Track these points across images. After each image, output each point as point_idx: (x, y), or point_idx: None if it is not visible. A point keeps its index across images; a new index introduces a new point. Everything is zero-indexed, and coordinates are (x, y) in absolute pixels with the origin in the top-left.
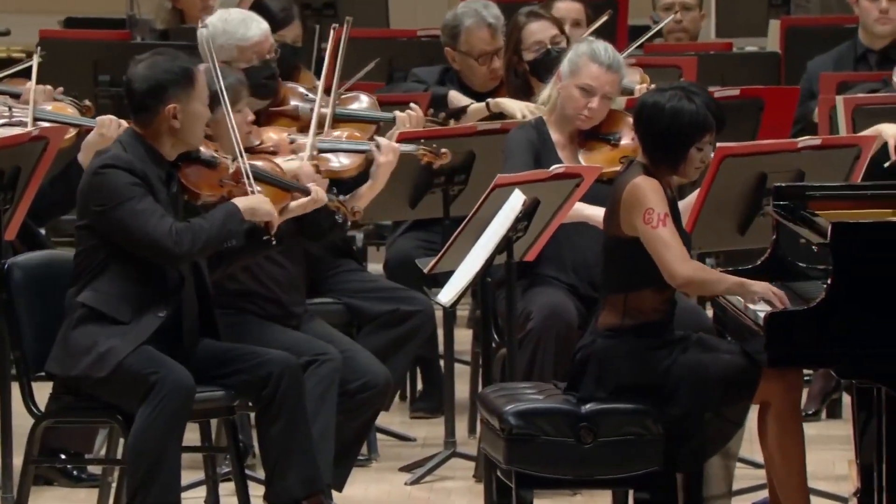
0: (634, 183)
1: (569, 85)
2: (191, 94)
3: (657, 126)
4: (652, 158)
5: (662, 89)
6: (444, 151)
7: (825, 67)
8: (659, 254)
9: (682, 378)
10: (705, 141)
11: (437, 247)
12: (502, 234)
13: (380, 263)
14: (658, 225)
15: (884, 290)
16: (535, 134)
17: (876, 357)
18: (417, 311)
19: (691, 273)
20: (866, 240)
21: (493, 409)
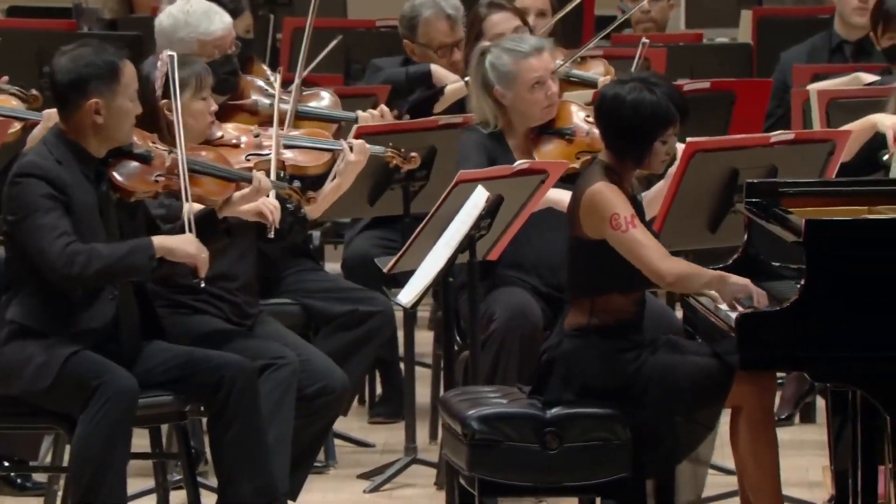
0: (593, 190)
1: (518, 93)
2: (115, 89)
3: (619, 119)
4: (615, 153)
5: (622, 81)
6: (413, 155)
7: (799, 59)
8: (638, 256)
9: (652, 381)
10: (669, 133)
11: (396, 245)
12: (465, 232)
13: (337, 263)
14: (628, 227)
15: (859, 289)
16: (490, 141)
17: (851, 359)
18: (376, 313)
19: (678, 269)
20: (841, 238)
21: (455, 413)
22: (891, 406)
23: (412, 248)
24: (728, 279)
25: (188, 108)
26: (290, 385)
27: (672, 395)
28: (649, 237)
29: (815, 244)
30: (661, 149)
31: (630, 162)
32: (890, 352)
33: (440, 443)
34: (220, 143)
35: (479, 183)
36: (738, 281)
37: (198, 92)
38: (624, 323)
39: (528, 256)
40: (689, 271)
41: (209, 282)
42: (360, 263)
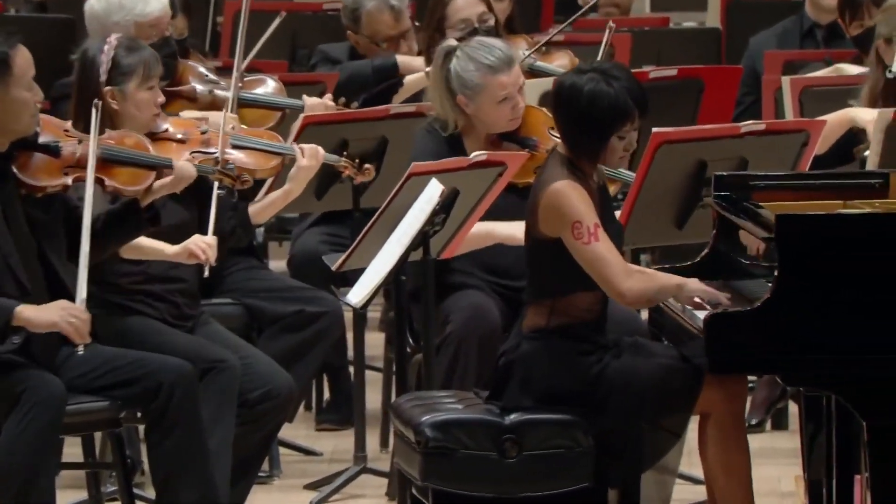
0: (556, 189)
1: (483, 105)
2: (7, 80)
3: (575, 111)
4: (571, 147)
5: (581, 70)
6: (367, 167)
7: (769, 44)
8: (598, 272)
9: (615, 385)
10: (627, 129)
11: (346, 242)
12: (418, 227)
13: (283, 260)
14: (590, 240)
15: (833, 288)
16: (444, 144)
17: (825, 362)
18: (324, 313)
19: (639, 288)
20: (814, 234)
21: (407, 420)
22: (867, 411)
23: (362, 245)
24: (687, 285)
25: (133, 98)
26: (231, 390)
27: (637, 400)
28: (611, 250)
29: (787, 240)
30: (617, 145)
31: (585, 157)
32: (866, 354)
33: (391, 451)
34: (163, 137)
35: (433, 176)
36: (698, 287)
37: (144, 81)
38: (586, 324)
39: (485, 253)
40: (650, 290)
41: (149, 282)
42: (306, 261)
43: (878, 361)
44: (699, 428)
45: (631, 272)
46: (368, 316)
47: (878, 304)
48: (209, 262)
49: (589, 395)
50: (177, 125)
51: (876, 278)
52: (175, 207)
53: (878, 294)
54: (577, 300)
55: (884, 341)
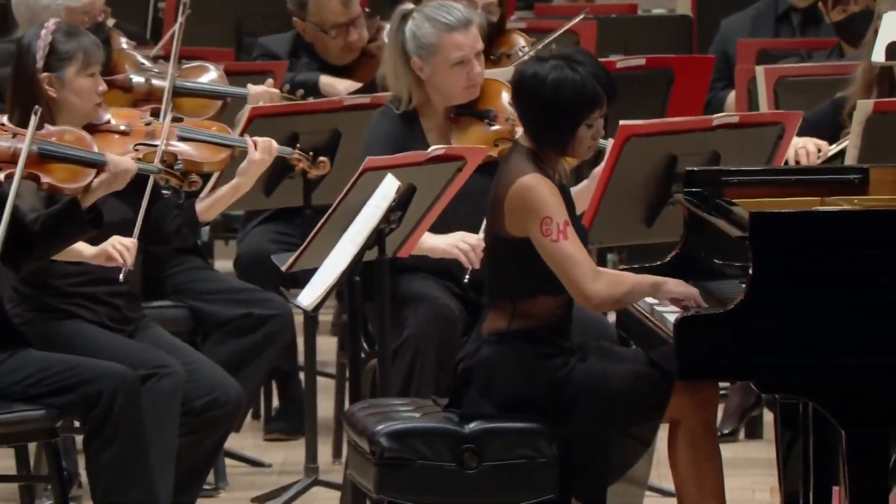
0: (524, 183)
1: (438, 68)
2: None
3: (539, 101)
4: (536, 139)
5: (542, 58)
6: (322, 160)
7: (742, 27)
8: (565, 272)
9: (581, 391)
10: (595, 117)
11: (296, 241)
12: (373, 225)
13: (229, 260)
14: (559, 238)
15: (810, 289)
16: (400, 124)
17: (802, 367)
18: (273, 316)
19: (607, 292)
20: (790, 232)
21: (361, 429)
22: (846, 420)
23: (314, 244)
24: (665, 285)
25: (72, 85)
26: (174, 397)
27: (604, 406)
28: (580, 250)
29: (761, 239)
30: (586, 134)
31: (552, 148)
32: (844, 358)
33: (344, 462)
34: (105, 128)
35: (388, 171)
36: (677, 287)
37: (84, 67)
38: (549, 327)
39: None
40: (621, 291)
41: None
42: (254, 261)
43: (858, 366)
44: (669, 437)
45: (599, 274)
46: (320, 319)
47: (857, 306)
48: (127, 266)
49: (553, 402)
50: (119, 116)
51: (855, 279)
52: (117, 205)
53: (857, 296)
54: (540, 303)
55: (863, 345)
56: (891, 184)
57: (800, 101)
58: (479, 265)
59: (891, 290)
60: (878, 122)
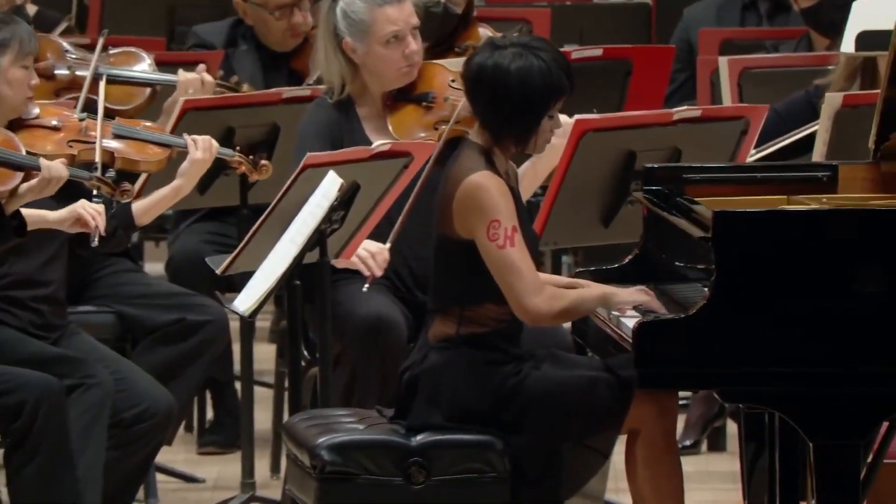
0: (474, 182)
1: (371, 48)
2: None
3: (504, 92)
4: (494, 132)
5: (497, 47)
6: (263, 164)
7: (706, 16)
8: (506, 281)
9: (535, 398)
10: (557, 107)
11: (232, 242)
12: (314, 226)
13: (161, 263)
14: (506, 244)
15: (777, 293)
16: (335, 113)
17: (767, 376)
18: (207, 322)
19: (547, 307)
20: (755, 232)
21: (301, 442)
22: (813, 431)
23: (251, 246)
24: (612, 295)
25: (5, 75)
26: (101, 408)
27: (559, 416)
28: (526, 259)
29: (724, 240)
30: (547, 125)
31: (511, 141)
32: (812, 366)
33: (283, 477)
34: (34, 123)
35: (330, 168)
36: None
37: (20, 57)
38: (500, 332)
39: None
40: (557, 309)
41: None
42: (187, 263)
43: (826, 374)
44: (626, 448)
45: (541, 288)
46: (257, 325)
47: (826, 310)
48: (99, 231)
49: (505, 411)
50: (49, 112)
51: (823, 282)
52: (49, 205)
53: (826, 300)
54: (489, 308)
55: (832, 352)
56: (861, 181)
57: (765, 94)
58: (380, 273)
59: (861, 294)
60: (847, 117)
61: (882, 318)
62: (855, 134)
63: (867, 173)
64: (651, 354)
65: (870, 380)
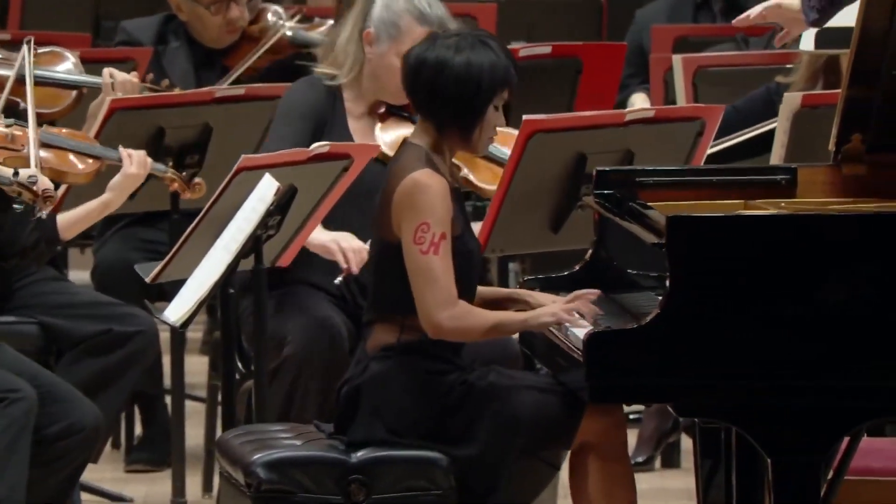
0: (415, 179)
1: (388, 53)
2: None
3: (446, 80)
4: (439, 125)
5: (437, 37)
6: (197, 182)
7: (658, 17)
8: (419, 288)
9: (481, 411)
10: (503, 96)
11: (162, 248)
12: (249, 231)
13: (86, 271)
14: (430, 250)
15: (733, 302)
16: (324, 97)
17: (724, 389)
18: (136, 333)
19: (453, 324)
20: (711, 238)
21: (235, 458)
22: (772, 447)
23: (182, 252)
24: (534, 318)
25: None
26: (25, 424)
27: (509, 427)
28: (447, 272)
29: (679, 246)
30: (492, 117)
31: (456, 132)
32: (771, 379)
33: (216, 496)
34: None
35: (266, 170)
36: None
37: None
38: (444, 340)
39: (328, 260)
40: (463, 329)
41: None
42: (115, 271)
43: (785, 388)
44: (573, 462)
45: (452, 303)
46: (189, 336)
47: (785, 320)
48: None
49: (451, 422)
50: None
51: (782, 290)
52: None
53: (785, 309)
54: None
55: (791, 363)
56: (821, 185)
57: (722, 94)
58: (357, 270)
59: (821, 303)
60: (806, 118)
61: (843, 327)
62: (815, 135)
63: (827, 176)
64: (602, 367)
65: (831, 393)
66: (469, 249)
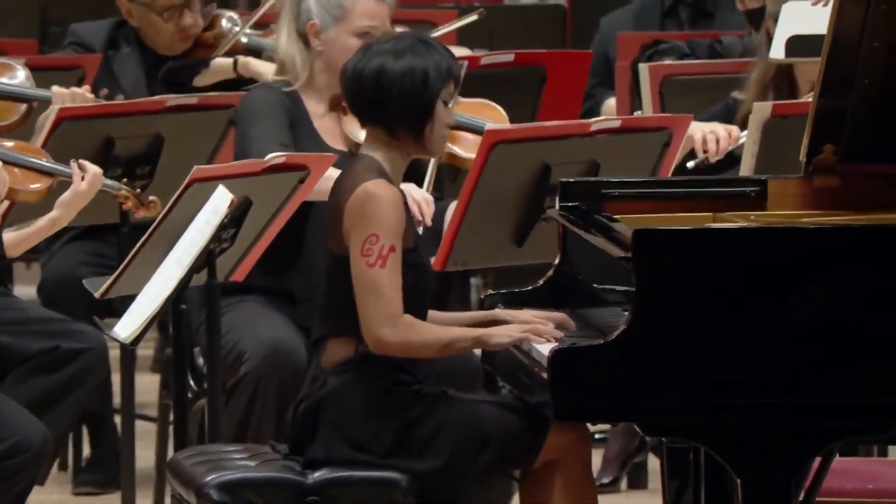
0: (367, 189)
1: (339, 35)
2: None
3: (390, 81)
4: (389, 129)
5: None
6: (152, 200)
7: (624, 24)
8: (363, 302)
9: (444, 424)
10: (450, 90)
11: (112, 262)
12: (202, 245)
13: (33, 286)
14: (376, 263)
15: (702, 318)
16: (286, 100)
17: (692, 408)
18: (85, 350)
19: (394, 339)
20: (679, 252)
21: (188, 480)
22: (742, 467)
23: (132, 267)
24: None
25: None
26: None
27: (474, 440)
28: (394, 286)
29: (646, 260)
30: (443, 113)
31: (409, 136)
32: (740, 397)
33: None
34: None
35: (219, 182)
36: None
37: None
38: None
39: (286, 275)
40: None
41: None
42: (62, 286)
43: (755, 406)
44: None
45: (396, 319)
46: (139, 354)
47: (755, 337)
48: None
49: (411, 439)
50: None
51: (752, 307)
52: None
53: (755, 325)
54: None
55: (762, 381)
56: (792, 197)
57: (689, 104)
58: (430, 222)
59: (792, 319)
60: (777, 128)
61: (815, 344)
62: (785, 146)
63: (798, 188)
64: (567, 384)
65: (802, 411)
66: (422, 262)
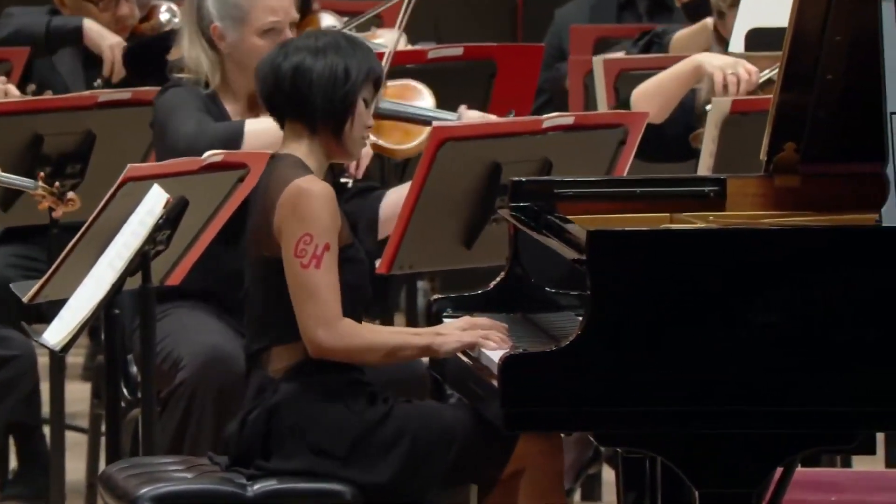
0: (298, 187)
1: (244, 36)
2: None
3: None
4: (310, 124)
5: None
6: (70, 197)
7: (579, 16)
8: (300, 305)
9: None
10: (370, 88)
11: (40, 266)
12: (136, 247)
13: None
14: (311, 264)
15: (658, 323)
16: (205, 100)
17: (648, 416)
18: (12, 358)
19: (332, 343)
20: (635, 254)
21: (121, 493)
22: (700, 478)
23: (62, 270)
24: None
25: None
26: None
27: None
28: (331, 287)
29: (601, 262)
30: (363, 113)
31: (329, 133)
32: (698, 406)
33: None
34: None
35: (154, 181)
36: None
37: None
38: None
39: (224, 278)
40: (348, 346)
41: None
42: None
43: (714, 415)
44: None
45: (334, 322)
46: (69, 361)
47: (714, 343)
48: None
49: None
50: None
51: (710, 311)
52: None
53: (714, 331)
54: None
55: (721, 390)
56: (752, 197)
57: None
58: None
59: (752, 324)
60: (736, 125)
61: (775, 351)
62: (745, 144)
63: (759, 188)
64: (518, 392)
65: (762, 421)
66: (360, 258)
